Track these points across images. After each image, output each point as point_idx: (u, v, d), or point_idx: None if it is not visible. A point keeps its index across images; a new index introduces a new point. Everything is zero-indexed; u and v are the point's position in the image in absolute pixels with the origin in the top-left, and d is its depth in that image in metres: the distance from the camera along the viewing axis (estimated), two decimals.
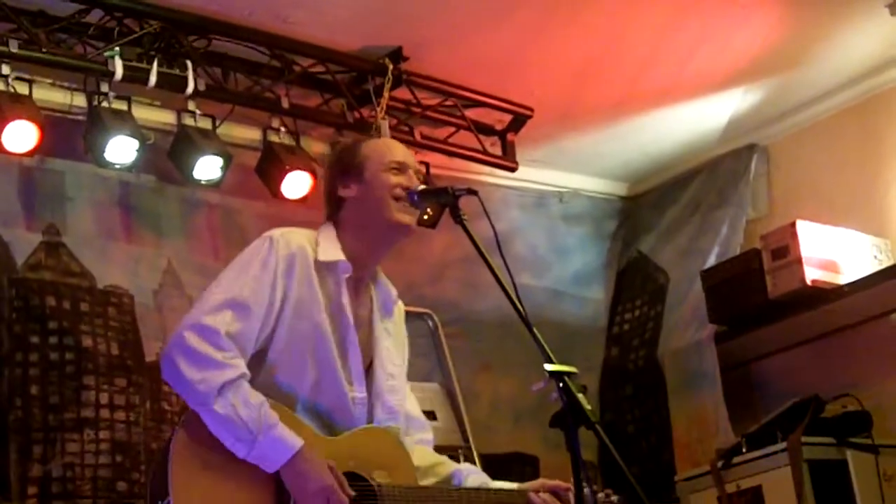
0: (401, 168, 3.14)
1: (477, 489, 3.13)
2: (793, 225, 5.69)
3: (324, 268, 3.05)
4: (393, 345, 3.19)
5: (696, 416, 6.16)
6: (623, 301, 6.92)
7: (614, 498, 3.17)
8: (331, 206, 3.20)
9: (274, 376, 2.96)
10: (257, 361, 2.96)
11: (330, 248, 3.08)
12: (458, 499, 3.07)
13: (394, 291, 3.25)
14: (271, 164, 5.38)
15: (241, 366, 2.86)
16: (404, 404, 3.20)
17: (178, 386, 2.86)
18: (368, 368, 3.09)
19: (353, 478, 2.91)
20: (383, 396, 3.09)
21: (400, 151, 3.21)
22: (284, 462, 2.81)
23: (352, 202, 3.15)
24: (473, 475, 3.23)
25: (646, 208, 7.06)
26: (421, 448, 3.27)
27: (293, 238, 3.05)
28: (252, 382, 2.88)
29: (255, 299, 2.93)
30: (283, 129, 5.46)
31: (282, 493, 2.83)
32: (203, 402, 2.81)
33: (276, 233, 3.06)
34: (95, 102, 4.94)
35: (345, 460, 2.92)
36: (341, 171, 3.19)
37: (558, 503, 3.14)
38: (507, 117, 6.06)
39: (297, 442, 2.82)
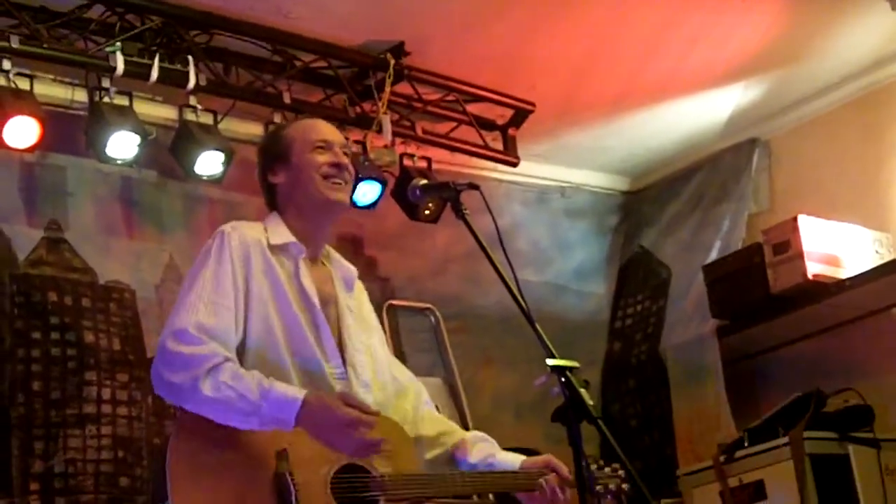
0: (326, 146, 3.14)
1: (482, 473, 3.14)
2: (794, 219, 5.68)
3: (279, 251, 3.06)
4: (356, 320, 3.19)
5: (698, 411, 6.16)
6: (625, 296, 6.92)
7: (621, 472, 3.18)
8: (267, 196, 3.22)
9: (258, 367, 2.92)
10: (239, 356, 2.94)
11: (279, 232, 3.09)
12: (461, 484, 3.07)
13: (352, 268, 3.26)
14: None
15: (222, 351, 2.84)
16: (378, 377, 3.18)
17: (171, 395, 2.85)
18: (340, 343, 3.09)
19: (354, 469, 2.89)
20: (357, 370, 3.08)
21: (323, 129, 3.20)
22: (296, 414, 2.77)
23: (283, 187, 3.16)
24: (479, 445, 3.23)
25: (647, 203, 7.06)
26: (429, 413, 3.30)
27: (244, 230, 3.06)
28: None
29: (220, 293, 2.93)
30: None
31: (282, 492, 2.80)
32: (192, 395, 2.79)
33: (227, 227, 3.06)
34: (97, 98, 4.93)
35: None
36: (269, 159, 3.20)
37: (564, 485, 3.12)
38: (509, 112, 6.06)
39: (299, 392, 2.81)
